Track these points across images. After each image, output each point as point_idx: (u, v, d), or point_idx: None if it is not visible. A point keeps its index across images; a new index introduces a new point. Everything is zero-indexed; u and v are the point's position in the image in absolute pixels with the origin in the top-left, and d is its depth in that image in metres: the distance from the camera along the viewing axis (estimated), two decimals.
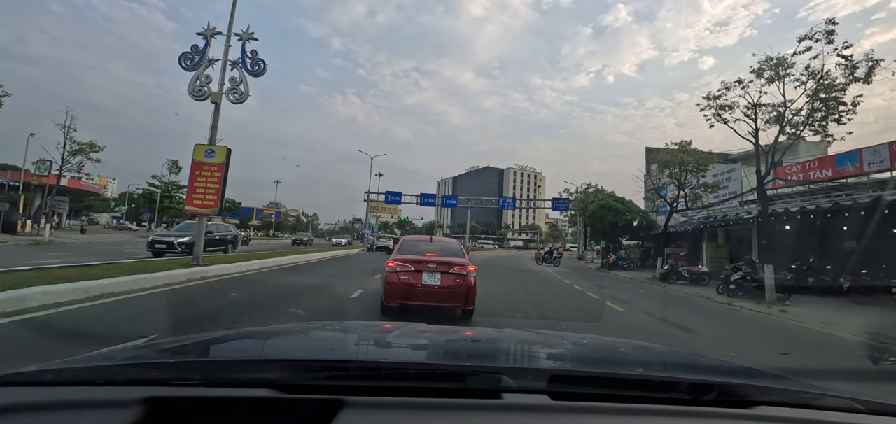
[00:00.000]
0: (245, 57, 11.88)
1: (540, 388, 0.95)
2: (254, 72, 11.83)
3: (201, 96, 11.54)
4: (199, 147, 11.34)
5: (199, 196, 11.16)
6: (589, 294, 12.61)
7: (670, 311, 10.36)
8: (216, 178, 11.17)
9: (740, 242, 22.08)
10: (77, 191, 50.33)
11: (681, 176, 19.60)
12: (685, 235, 26.10)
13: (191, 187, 11.29)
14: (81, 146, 29.00)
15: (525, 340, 1.81)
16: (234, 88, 11.77)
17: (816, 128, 12.91)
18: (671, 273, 18.43)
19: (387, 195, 47.16)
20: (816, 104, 12.63)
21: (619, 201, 30.48)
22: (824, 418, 0.98)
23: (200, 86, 11.61)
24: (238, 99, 11.74)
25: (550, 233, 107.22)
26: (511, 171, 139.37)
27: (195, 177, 11.23)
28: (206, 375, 0.99)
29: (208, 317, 6.25)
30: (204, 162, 11.24)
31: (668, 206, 21.29)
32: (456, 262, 6.32)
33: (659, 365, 1.52)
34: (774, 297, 12.12)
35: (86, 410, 0.82)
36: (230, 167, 11.58)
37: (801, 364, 6.14)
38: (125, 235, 39.77)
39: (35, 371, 0.97)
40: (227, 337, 1.70)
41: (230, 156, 11.45)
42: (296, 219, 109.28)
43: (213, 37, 11.94)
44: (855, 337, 8.03)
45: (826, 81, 12.31)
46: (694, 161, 19.16)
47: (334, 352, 1.39)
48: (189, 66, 11.73)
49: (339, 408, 0.81)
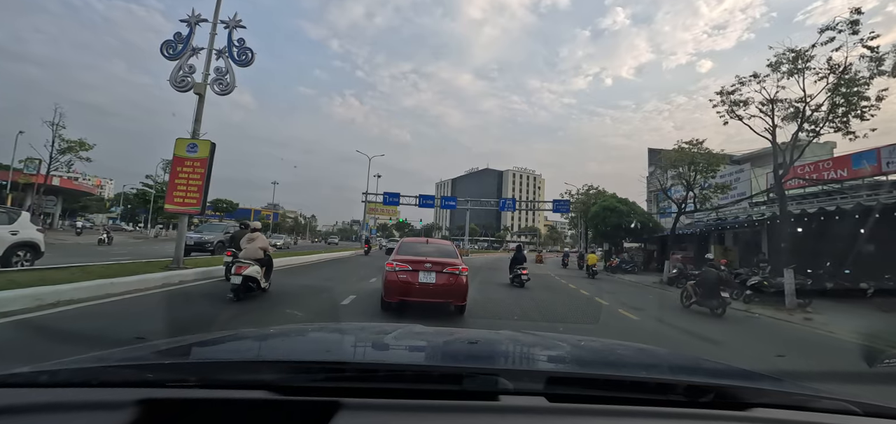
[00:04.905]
0: (232, 45, 11.12)
1: (537, 390, 0.95)
2: (241, 61, 11.07)
3: (184, 87, 10.77)
4: (181, 141, 10.56)
5: (181, 194, 10.37)
6: (597, 300, 11.87)
7: (687, 319, 9.61)
8: (199, 175, 10.38)
9: (748, 245, 21.43)
10: (70, 191, 49.50)
11: (690, 176, 18.86)
12: (691, 237, 25.39)
13: (171, 184, 10.49)
14: (70, 144, 28.17)
15: (522, 342, 1.78)
16: (220, 79, 11.00)
17: (838, 125, 12.20)
18: (680, 276, 17.68)
19: (385, 196, 46.41)
20: (837, 99, 11.94)
21: (623, 203, 29.78)
22: (820, 420, 0.97)
23: (183, 76, 10.84)
24: (223, 90, 10.97)
25: (549, 235, 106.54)
26: (510, 173, 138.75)
27: (176, 174, 10.44)
28: (201, 376, 0.97)
29: (177, 330, 5.48)
30: (186, 157, 10.45)
31: (677, 207, 20.53)
32: (449, 262, 6.86)
33: (656, 367, 1.51)
34: (795, 303, 11.40)
35: (80, 411, 0.81)
36: (214, 163, 10.80)
37: (851, 383, 5.40)
38: (120, 236, 38.81)
39: (29, 373, 0.96)
40: (222, 338, 1.68)
41: (214, 152, 10.67)
42: (293, 221, 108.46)
43: (197, 24, 11.18)
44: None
45: (848, 74, 11.62)
46: (705, 160, 18.43)
47: (331, 354, 1.38)
48: (172, 55, 10.96)
49: (336, 410, 0.80)
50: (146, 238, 38.08)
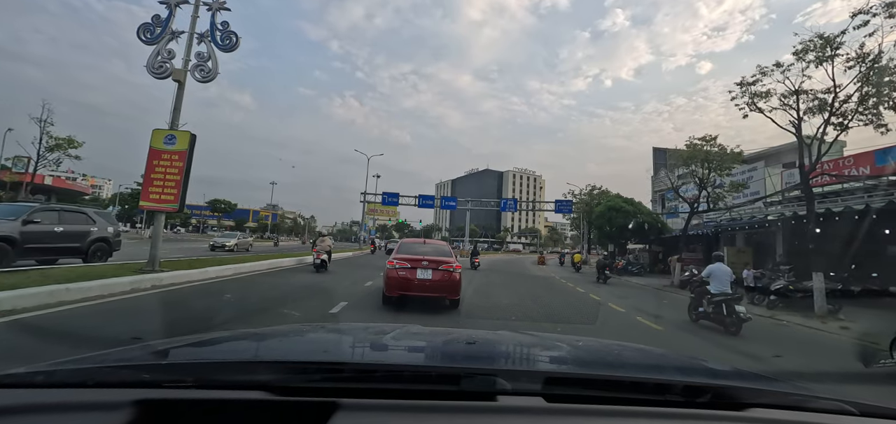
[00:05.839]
0: (215, 28, 10.22)
1: (535, 390, 0.96)
2: (224, 46, 10.18)
3: (162, 73, 9.88)
4: (158, 132, 9.66)
5: (157, 190, 9.47)
6: (611, 305, 10.98)
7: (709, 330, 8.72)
8: (177, 169, 9.48)
9: (761, 247, 20.54)
10: (64, 190, 48.62)
11: (704, 174, 17.94)
12: (699, 239, 24.46)
13: (147, 179, 9.56)
14: (58, 141, 27.12)
15: (520, 342, 1.77)
16: (201, 65, 10.10)
17: (869, 117, 11.31)
18: (692, 279, 16.75)
19: (384, 196, 45.61)
20: (868, 89, 11.06)
21: (628, 202, 28.89)
22: (816, 420, 0.98)
23: (161, 61, 9.95)
24: (205, 77, 10.07)
25: (550, 237, 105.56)
26: (510, 174, 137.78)
27: (152, 168, 9.52)
28: (198, 377, 0.95)
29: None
30: (163, 149, 9.54)
31: (689, 206, 19.61)
32: (445, 261, 7.59)
33: (654, 368, 1.49)
34: (825, 309, 10.52)
35: (77, 412, 0.81)
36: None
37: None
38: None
39: (25, 373, 0.95)
40: (220, 339, 1.67)
41: (194, 144, 9.77)
42: (293, 221, 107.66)
43: (178, 6, 10.29)
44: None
45: (880, 62, 10.74)
46: (718, 158, 17.52)
47: (328, 354, 1.37)
48: (149, 39, 10.06)
49: (334, 411, 0.80)
50: (141, 238, 37.12)
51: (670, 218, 29.72)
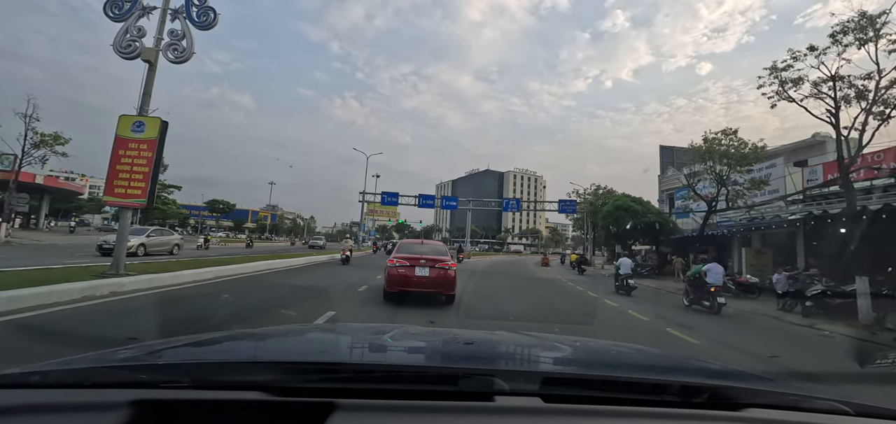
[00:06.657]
0: (191, 4, 9.17)
1: (532, 391, 0.95)
2: (201, 23, 9.12)
3: (130, 53, 8.81)
4: (126, 118, 8.58)
5: (123, 183, 8.39)
6: (631, 313, 9.89)
7: (751, 341, 7.64)
8: (145, 159, 8.41)
9: (780, 248, 19.44)
10: (57, 189, 47.59)
11: (723, 171, 16.82)
12: (712, 239, 23.35)
13: (111, 171, 8.45)
14: (44, 138, 26.07)
15: (518, 342, 1.77)
16: (175, 44, 9.05)
17: None
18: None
19: (383, 195, 44.60)
20: None
21: (637, 202, 27.78)
22: (812, 420, 0.97)
23: (130, 40, 8.89)
24: (179, 57, 9.00)
25: (552, 237, 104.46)
26: (511, 175, 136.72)
27: (118, 158, 8.44)
28: (195, 377, 0.95)
29: None
30: (130, 138, 8.48)
31: (707, 205, 18.50)
32: (441, 259, 8.11)
33: (651, 368, 1.49)
34: (871, 318, 9.44)
35: (73, 413, 0.80)
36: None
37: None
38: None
39: (20, 374, 0.94)
40: (217, 339, 1.65)
41: (166, 132, 8.70)
42: (292, 222, 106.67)
43: None
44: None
45: None
46: (738, 155, 16.41)
47: (326, 355, 1.36)
48: (117, 15, 9.01)
49: (331, 411, 0.79)
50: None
51: (680, 217, 28.59)
